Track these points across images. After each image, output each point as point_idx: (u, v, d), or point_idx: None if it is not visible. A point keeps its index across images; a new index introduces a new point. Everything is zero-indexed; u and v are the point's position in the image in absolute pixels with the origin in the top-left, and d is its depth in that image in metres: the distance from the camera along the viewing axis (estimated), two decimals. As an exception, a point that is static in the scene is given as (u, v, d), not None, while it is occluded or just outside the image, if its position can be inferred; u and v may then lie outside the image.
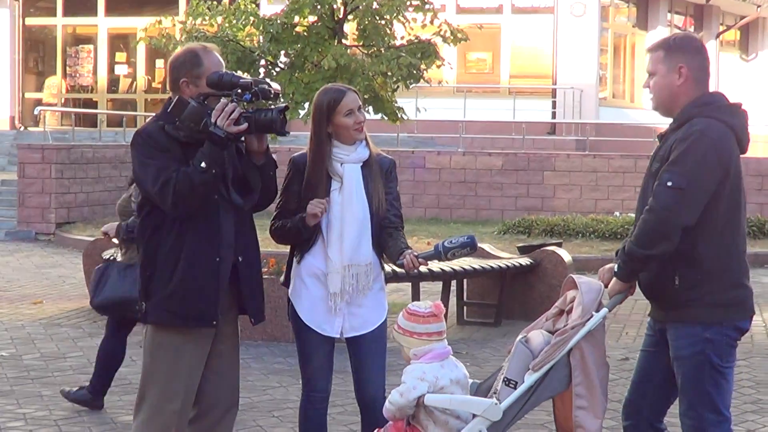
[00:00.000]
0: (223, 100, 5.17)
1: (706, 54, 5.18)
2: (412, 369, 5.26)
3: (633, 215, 17.29)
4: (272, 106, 5.32)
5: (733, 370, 5.12)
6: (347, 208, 5.74)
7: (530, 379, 5.01)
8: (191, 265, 5.21)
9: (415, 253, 5.62)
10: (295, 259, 5.87)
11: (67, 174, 19.69)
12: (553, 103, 27.30)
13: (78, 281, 13.86)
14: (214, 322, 5.27)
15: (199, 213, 5.21)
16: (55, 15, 31.17)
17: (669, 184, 4.85)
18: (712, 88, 5.16)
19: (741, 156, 5.09)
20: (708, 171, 4.88)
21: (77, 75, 31.43)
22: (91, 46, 31.26)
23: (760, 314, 12.16)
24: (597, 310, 5.02)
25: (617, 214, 19.54)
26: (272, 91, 5.25)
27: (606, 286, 5.12)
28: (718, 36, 31.95)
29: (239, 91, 5.18)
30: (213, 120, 5.12)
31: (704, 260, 4.94)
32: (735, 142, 4.99)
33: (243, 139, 5.33)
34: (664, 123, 5.33)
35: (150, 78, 30.73)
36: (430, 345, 5.28)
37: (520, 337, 5.19)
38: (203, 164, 5.09)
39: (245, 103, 5.21)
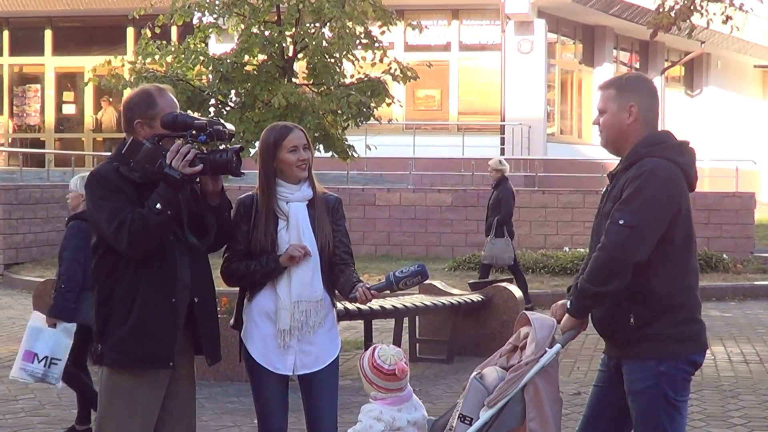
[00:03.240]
0: (178, 141, 5.19)
1: (656, 95, 5.27)
2: (369, 408, 5.29)
3: (582, 250, 17.30)
4: (227, 147, 5.34)
5: (687, 405, 5.18)
6: None
7: (485, 415, 5.04)
8: (147, 307, 5.20)
9: (367, 286, 5.66)
10: (246, 299, 5.89)
11: (15, 214, 19.56)
12: (502, 139, 27.48)
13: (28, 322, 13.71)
14: (171, 364, 5.26)
15: (154, 254, 5.20)
16: (1, 54, 31.02)
17: (621, 222, 4.93)
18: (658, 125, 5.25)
19: (687, 191, 5.18)
20: (659, 209, 4.95)
21: (24, 114, 31.26)
22: (38, 86, 31.13)
23: (709, 348, 12.28)
24: (550, 346, 5.07)
25: (567, 249, 19.69)
26: (227, 132, 5.28)
27: (559, 322, 5.17)
28: (663, 72, 32.33)
29: (194, 132, 5.19)
30: (168, 161, 5.12)
31: (659, 297, 5.01)
32: (684, 180, 5.08)
33: (198, 180, 5.35)
34: (612, 159, 5.40)
35: (97, 117, 30.60)
36: (388, 394, 5.33)
37: (474, 373, 5.23)
38: (158, 206, 5.09)
39: (200, 144, 5.22)
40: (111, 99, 29.54)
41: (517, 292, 11.80)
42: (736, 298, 17.07)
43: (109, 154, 5.44)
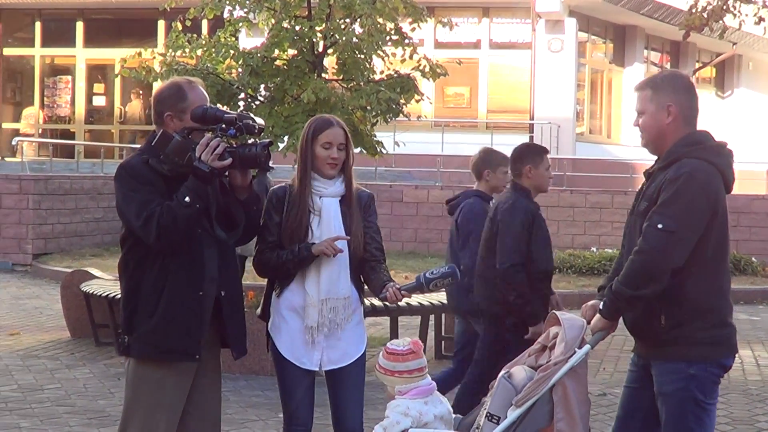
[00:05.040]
0: (208, 134, 5.18)
1: (694, 91, 5.21)
2: (396, 404, 5.27)
3: (610, 251, 17.04)
4: (256, 141, 5.33)
5: (716, 407, 5.14)
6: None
7: (513, 414, 5.01)
8: (174, 300, 5.20)
9: (398, 286, 5.63)
10: (274, 294, 5.87)
11: (45, 205, 19.62)
12: (531, 138, 27.36)
13: (55, 312, 13.79)
14: (197, 357, 5.27)
15: (182, 247, 5.20)
16: (33, 45, 31.14)
17: (660, 226, 4.86)
18: (690, 126, 5.19)
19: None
20: (698, 213, 4.89)
21: (55, 105, 31.36)
22: (69, 77, 31.23)
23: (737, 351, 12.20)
24: (580, 347, 5.04)
25: (594, 249, 19.60)
26: (257, 127, 5.26)
27: (589, 323, 5.13)
28: (694, 73, 32.15)
29: (223, 125, 5.18)
30: (197, 155, 5.12)
31: (691, 299, 4.96)
32: (722, 182, 5.02)
33: (227, 173, 5.34)
34: (641, 159, 5.36)
35: (126, 109, 30.69)
36: (413, 383, 5.30)
37: (503, 372, 5.20)
38: (187, 199, 5.09)
39: (229, 138, 5.21)
40: (141, 92, 29.63)
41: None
42: (764, 301, 16.95)
43: (138, 146, 5.46)
